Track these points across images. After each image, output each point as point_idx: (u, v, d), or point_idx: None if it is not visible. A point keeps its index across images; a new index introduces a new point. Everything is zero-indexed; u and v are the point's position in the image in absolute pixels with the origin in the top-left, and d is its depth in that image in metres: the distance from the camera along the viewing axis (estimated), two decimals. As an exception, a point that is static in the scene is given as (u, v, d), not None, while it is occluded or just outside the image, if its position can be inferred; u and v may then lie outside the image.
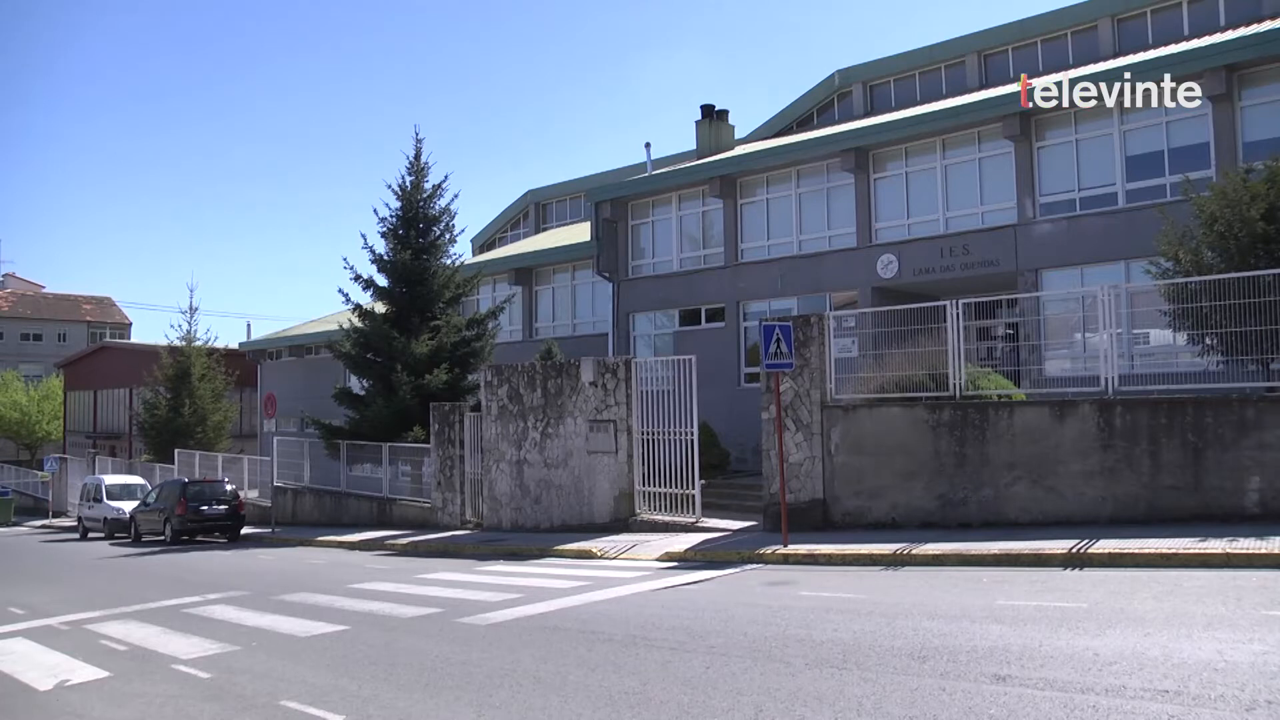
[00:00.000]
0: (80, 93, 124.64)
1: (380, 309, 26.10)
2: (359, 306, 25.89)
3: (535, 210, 43.26)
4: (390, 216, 25.84)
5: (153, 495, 26.41)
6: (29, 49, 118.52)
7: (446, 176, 26.82)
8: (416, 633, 8.84)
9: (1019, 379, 14.88)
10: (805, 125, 30.33)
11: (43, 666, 8.31)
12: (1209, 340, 12.68)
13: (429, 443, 22.12)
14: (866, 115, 27.63)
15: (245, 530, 24.99)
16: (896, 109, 26.47)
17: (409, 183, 25.99)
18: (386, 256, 25.59)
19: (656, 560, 13.48)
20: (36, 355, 68.68)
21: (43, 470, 45.15)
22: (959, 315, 13.48)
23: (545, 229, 41.59)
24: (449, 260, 26.32)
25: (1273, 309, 11.50)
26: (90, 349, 58.96)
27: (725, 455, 21.34)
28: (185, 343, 37.89)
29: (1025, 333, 16.77)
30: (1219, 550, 9.54)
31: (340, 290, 51.91)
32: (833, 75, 29.67)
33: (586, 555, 14.69)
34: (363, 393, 25.88)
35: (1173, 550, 9.77)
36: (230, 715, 6.36)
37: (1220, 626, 6.72)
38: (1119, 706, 5.01)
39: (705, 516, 16.51)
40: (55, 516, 38.30)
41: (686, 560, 13.24)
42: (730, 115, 30.60)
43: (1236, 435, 11.44)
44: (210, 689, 7.10)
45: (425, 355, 23.91)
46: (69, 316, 72.68)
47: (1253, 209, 12.70)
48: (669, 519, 16.61)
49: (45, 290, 75.28)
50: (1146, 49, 22.32)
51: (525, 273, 31.07)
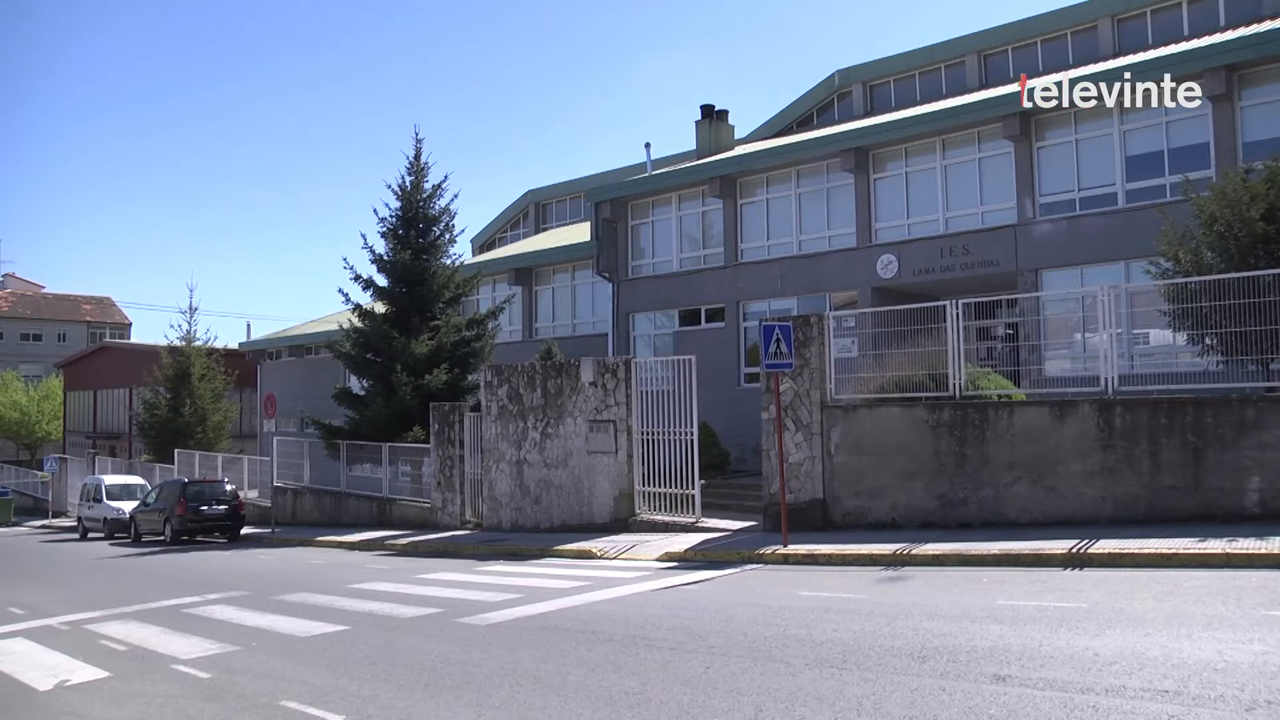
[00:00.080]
0: (80, 93, 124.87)
1: (380, 309, 26.11)
2: (359, 306, 25.90)
3: (535, 210, 43.27)
4: (390, 216, 25.86)
5: (152, 495, 26.42)
6: (29, 49, 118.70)
7: (446, 176, 26.85)
8: (416, 633, 8.85)
9: (1019, 379, 14.90)
10: (805, 125, 30.34)
11: (43, 666, 8.31)
12: (1209, 340, 12.67)
13: (429, 443, 22.13)
14: (866, 115, 27.64)
15: (245, 530, 25.00)
16: (896, 109, 26.48)
17: (409, 183, 26.00)
18: (386, 256, 25.60)
19: (656, 560, 13.48)
20: (36, 355, 68.67)
21: (42, 470, 45.15)
22: (959, 315, 13.48)
23: (545, 229, 41.59)
24: (449, 260, 26.33)
25: (1273, 309, 11.50)
26: (90, 349, 58.96)
27: (725, 455, 21.34)
28: (185, 343, 37.86)
29: (1025, 333, 16.78)
30: (1219, 550, 9.54)
31: (340, 290, 52.02)
32: (833, 75, 29.69)
33: (586, 555, 14.69)
34: (362, 393, 25.89)
35: (1173, 550, 9.78)
36: (230, 715, 6.36)
37: (1220, 626, 6.72)
38: (1119, 706, 5.01)
39: (705, 516, 16.51)
40: (55, 517, 38.28)
41: (686, 560, 13.24)
42: (730, 115, 30.62)
43: (1236, 435, 11.44)
44: (210, 689, 7.11)
45: (425, 355, 23.92)
46: (69, 316, 72.66)
47: (1252, 209, 12.69)
48: (669, 519, 16.61)
49: (45, 290, 75.29)
50: (1146, 49, 22.33)
51: (525, 273, 31.08)
